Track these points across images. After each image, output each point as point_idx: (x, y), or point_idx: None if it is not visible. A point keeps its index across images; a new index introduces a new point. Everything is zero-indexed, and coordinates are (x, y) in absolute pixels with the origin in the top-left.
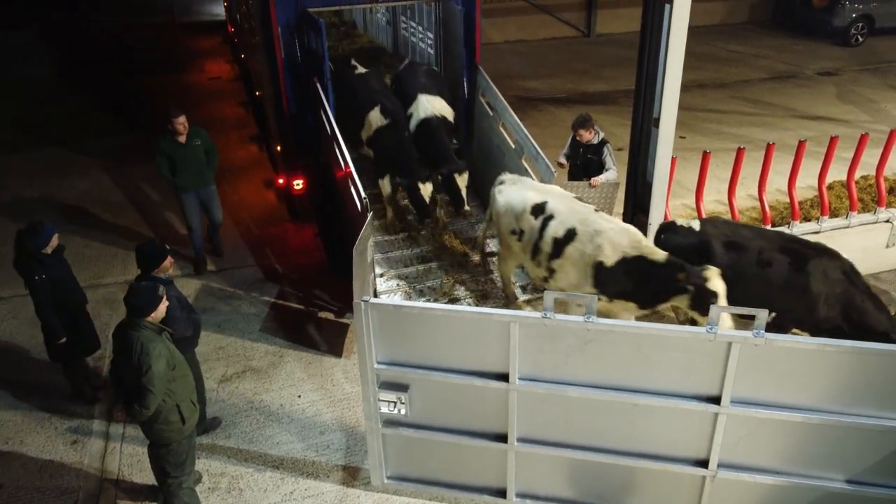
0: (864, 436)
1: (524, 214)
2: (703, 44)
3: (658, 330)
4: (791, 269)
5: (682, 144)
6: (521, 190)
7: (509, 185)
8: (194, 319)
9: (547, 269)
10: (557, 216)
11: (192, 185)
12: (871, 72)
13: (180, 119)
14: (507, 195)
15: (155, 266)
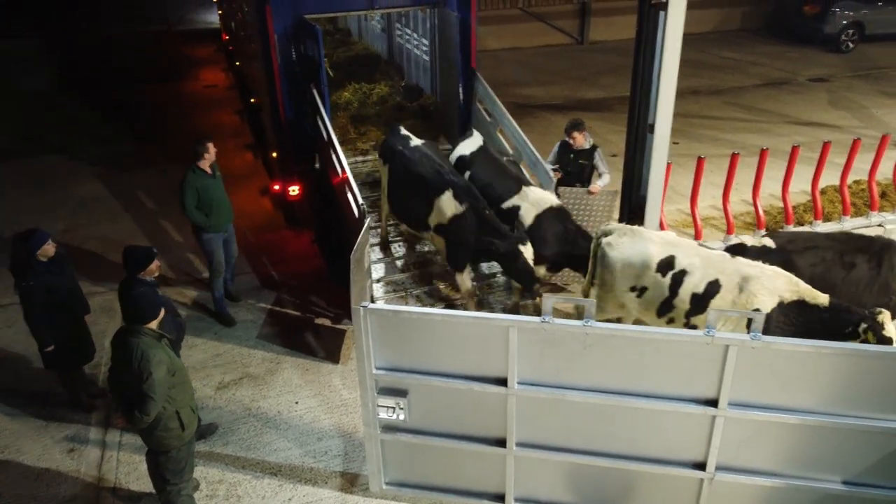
0: (860, 437)
1: (647, 272)
2: (697, 51)
3: (657, 334)
4: (871, 266)
5: (677, 150)
6: (640, 243)
7: (622, 238)
8: (178, 323)
9: (685, 325)
10: (693, 271)
11: (224, 223)
12: (863, 78)
13: (211, 146)
14: (622, 250)
15: (142, 269)
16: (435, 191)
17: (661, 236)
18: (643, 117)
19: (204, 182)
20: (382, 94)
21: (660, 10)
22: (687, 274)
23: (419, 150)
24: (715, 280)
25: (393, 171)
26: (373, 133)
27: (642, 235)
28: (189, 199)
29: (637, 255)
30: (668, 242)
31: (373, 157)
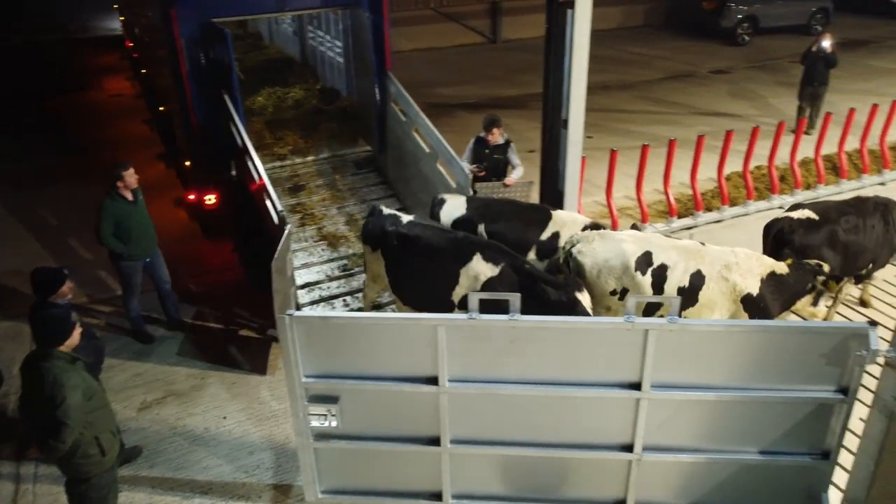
0: (773, 409)
1: (626, 272)
2: (604, 47)
3: (580, 323)
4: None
5: (591, 144)
6: (612, 245)
7: (592, 244)
8: (95, 345)
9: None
10: (673, 264)
11: (145, 250)
12: (759, 69)
13: (132, 171)
14: (596, 256)
15: (53, 291)
16: (459, 260)
17: (631, 234)
18: (557, 113)
19: (123, 208)
20: (298, 97)
21: (567, 9)
22: (668, 269)
23: (417, 225)
24: (697, 271)
25: (390, 256)
26: (289, 137)
27: (613, 237)
28: (105, 226)
29: (613, 257)
30: (639, 239)
31: (291, 161)
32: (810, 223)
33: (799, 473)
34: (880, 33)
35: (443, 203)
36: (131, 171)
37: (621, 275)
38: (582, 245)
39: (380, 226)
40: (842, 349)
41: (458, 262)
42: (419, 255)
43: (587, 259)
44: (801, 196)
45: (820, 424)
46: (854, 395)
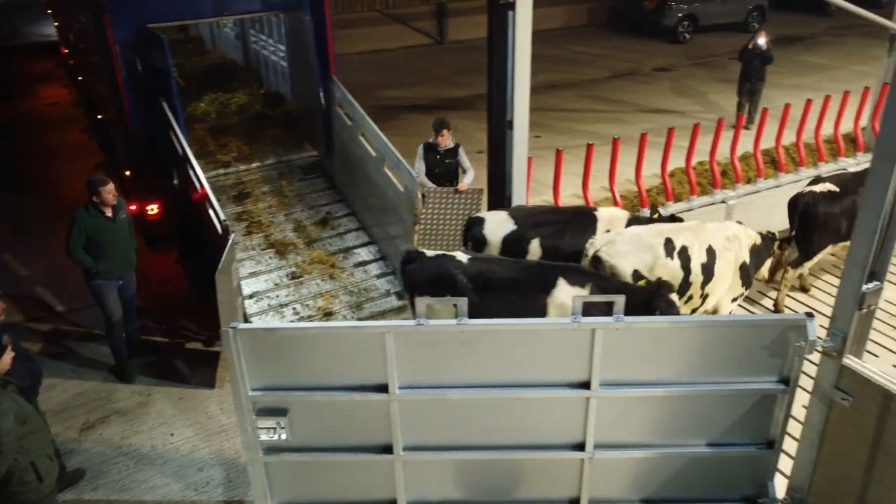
0: (719, 401)
1: (658, 262)
2: (549, 47)
3: (528, 324)
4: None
5: (539, 144)
6: (636, 241)
7: (616, 245)
8: (32, 368)
9: (701, 297)
10: (691, 244)
11: (118, 270)
12: (700, 66)
13: (110, 188)
14: (627, 255)
15: None
16: (541, 290)
17: (644, 229)
18: (501, 115)
19: (98, 223)
20: (242, 103)
21: (508, 10)
22: (689, 249)
23: (480, 260)
24: (709, 247)
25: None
26: (233, 144)
27: (631, 234)
28: (75, 239)
29: (643, 251)
30: (654, 232)
31: (235, 168)
32: (832, 195)
33: (745, 463)
34: (814, 30)
35: (482, 221)
36: (110, 187)
37: (653, 265)
38: (607, 248)
39: (435, 271)
40: (782, 341)
41: (542, 292)
42: (497, 292)
43: (621, 260)
44: (742, 190)
45: (764, 415)
46: (795, 384)
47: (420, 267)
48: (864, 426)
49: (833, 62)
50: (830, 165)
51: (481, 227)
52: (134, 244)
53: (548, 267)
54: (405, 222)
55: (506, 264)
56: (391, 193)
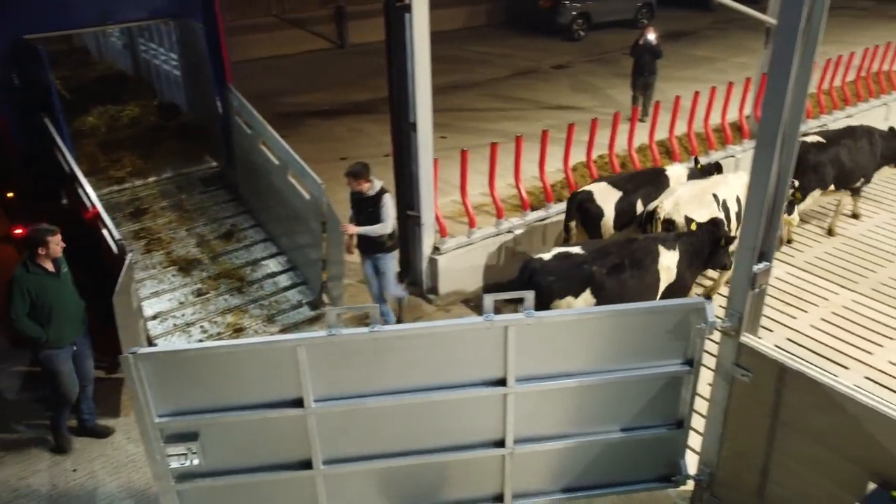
0: (629, 387)
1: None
2: (450, 47)
3: (442, 327)
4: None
5: (444, 144)
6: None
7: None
8: None
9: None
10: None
11: (69, 334)
12: (596, 62)
13: (58, 238)
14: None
15: None
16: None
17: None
18: (404, 117)
19: (41, 282)
20: (134, 115)
21: (405, 12)
22: (727, 201)
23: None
24: (736, 197)
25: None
26: (127, 159)
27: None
28: (18, 305)
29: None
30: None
31: (130, 184)
32: (820, 145)
33: (658, 444)
34: (698, 25)
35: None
36: (58, 237)
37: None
38: (675, 209)
39: (573, 270)
40: (684, 324)
41: (653, 261)
42: (624, 272)
43: (692, 214)
44: None
45: (672, 396)
46: (699, 365)
47: (554, 271)
48: (764, 399)
49: (717, 55)
50: (720, 153)
51: (592, 199)
52: (82, 301)
53: (650, 240)
54: (313, 231)
55: (614, 246)
56: (297, 202)
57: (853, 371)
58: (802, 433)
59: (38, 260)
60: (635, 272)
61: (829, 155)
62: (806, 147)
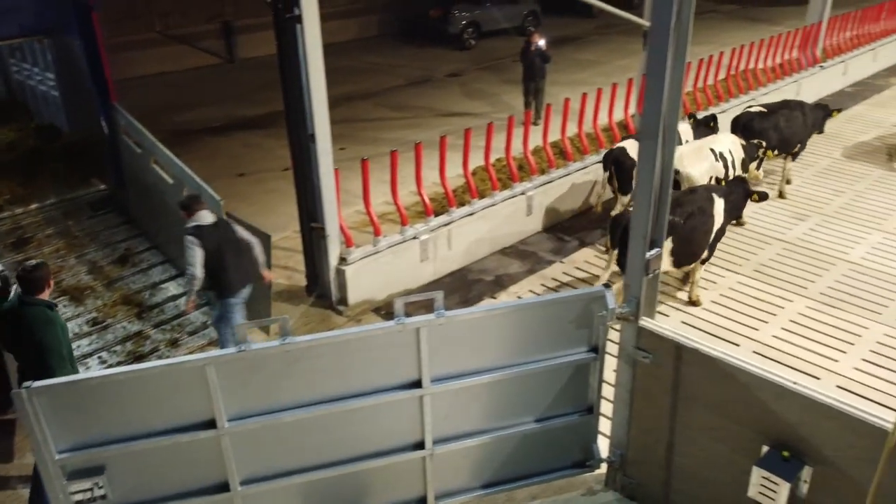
0: (540, 378)
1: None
2: (344, 58)
3: (354, 333)
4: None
5: (344, 155)
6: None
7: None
8: None
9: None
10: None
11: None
12: (487, 69)
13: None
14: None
15: None
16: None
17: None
18: (302, 129)
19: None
20: (10, 139)
21: (296, 24)
22: (723, 154)
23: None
24: (729, 150)
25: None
26: (4, 186)
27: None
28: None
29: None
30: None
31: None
32: (763, 114)
33: (571, 431)
34: (581, 30)
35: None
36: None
37: (710, 169)
38: (679, 162)
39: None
40: (586, 313)
41: (711, 209)
42: (696, 218)
43: (691, 169)
44: (538, 181)
45: (581, 384)
46: (603, 351)
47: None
48: (664, 377)
49: (601, 58)
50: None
51: (626, 152)
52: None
53: (706, 190)
54: None
55: (683, 196)
56: None
57: (743, 347)
58: (701, 405)
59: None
60: (700, 218)
61: (772, 122)
62: (751, 116)
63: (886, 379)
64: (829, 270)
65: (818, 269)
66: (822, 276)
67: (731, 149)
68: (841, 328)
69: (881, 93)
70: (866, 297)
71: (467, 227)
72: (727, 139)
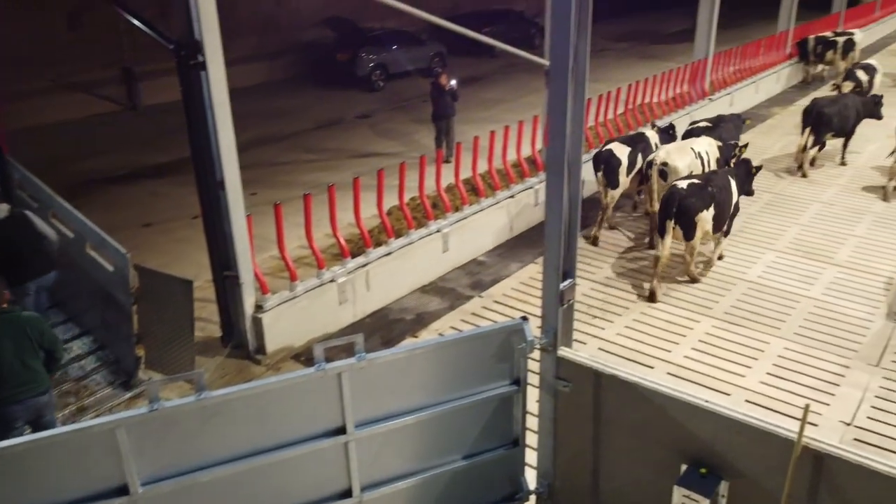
0: (465, 414)
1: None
2: (252, 102)
3: (273, 383)
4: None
5: (256, 200)
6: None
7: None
8: None
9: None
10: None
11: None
12: (397, 110)
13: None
14: (683, 160)
15: None
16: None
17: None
18: (211, 176)
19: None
20: None
21: (200, 70)
22: (702, 153)
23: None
24: (707, 150)
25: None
26: None
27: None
28: None
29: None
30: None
31: None
32: (708, 127)
33: (499, 464)
34: (486, 70)
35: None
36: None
37: (691, 163)
38: (668, 157)
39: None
40: (507, 346)
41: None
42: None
43: (678, 162)
44: (452, 218)
45: (505, 417)
46: (525, 383)
47: (694, 194)
48: (585, 405)
49: (506, 96)
50: (520, 185)
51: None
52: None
53: (723, 171)
54: (121, 304)
55: (711, 175)
56: (100, 275)
57: (657, 369)
58: (622, 430)
59: None
60: (725, 192)
61: (716, 133)
62: (700, 129)
63: (789, 390)
64: (731, 290)
65: (721, 289)
66: (724, 296)
67: (707, 150)
68: (745, 345)
69: (764, 122)
70: (766, 313)
71: (385, 266)
72: (705, 142)
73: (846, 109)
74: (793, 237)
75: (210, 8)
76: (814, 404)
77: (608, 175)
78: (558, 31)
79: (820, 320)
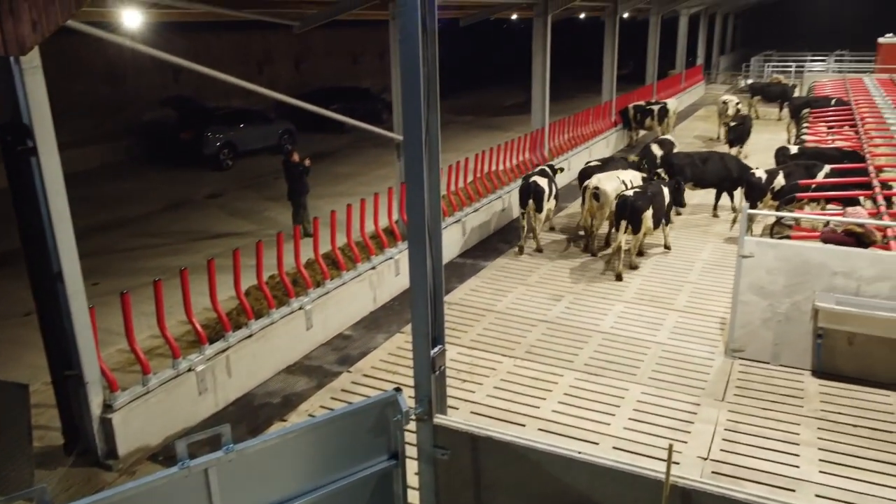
0: (344, 496)
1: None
2: (91, 187)
3: (129, 489)
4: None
5: (99, 290)
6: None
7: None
8: None
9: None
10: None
11: None
12: (249, 188)
13: None
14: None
15: None
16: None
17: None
18: (46, 268)
19: None
20: None
21: (30, 157)
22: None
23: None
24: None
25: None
26: None
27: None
28: None
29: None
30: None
31: None
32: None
33: None
34: (337, 145)
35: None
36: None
37: (618, 188)
38: (600, 183)
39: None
40: (382, 419)
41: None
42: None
43: (608, 186)
44: (314, 294)
45: (386, 493)
46: (403, 456)
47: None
48: (465, 471)
49: (359, 170)
50: (380, 257)
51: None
52: None
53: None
54: None
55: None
56: None
57: (529, 426)
58: (502, 491)
59: None
60: (660, 197)
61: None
62: (592, 168)
63: (650, 433)
64: (588, 342)
65: (579, 342)
66: (583, 348)
67: (631, 178)
68: (607, 393)
69: None
70: (622, 361)
71: (247, 349)
72: (630, 173)
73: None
74: (637, 288)
75: (39, 90)
76: (675, 443)
77: (536, 202)
78: (410, 105)
79: (669, 363)
